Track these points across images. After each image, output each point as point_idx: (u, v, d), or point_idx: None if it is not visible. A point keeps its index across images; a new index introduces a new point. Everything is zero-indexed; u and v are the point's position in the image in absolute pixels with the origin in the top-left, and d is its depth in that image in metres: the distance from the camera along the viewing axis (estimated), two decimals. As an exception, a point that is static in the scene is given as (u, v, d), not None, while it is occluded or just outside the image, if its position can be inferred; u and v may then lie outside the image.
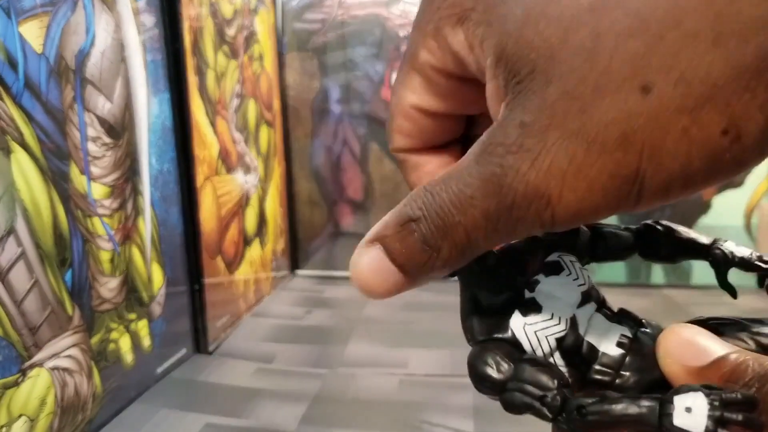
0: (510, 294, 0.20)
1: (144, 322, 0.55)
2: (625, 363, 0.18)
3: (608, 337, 0.19)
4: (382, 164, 0.94)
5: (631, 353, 0.19)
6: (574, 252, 0.21)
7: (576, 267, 0.20)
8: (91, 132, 0.48)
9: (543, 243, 0.20)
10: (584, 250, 0.22)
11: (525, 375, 0.18)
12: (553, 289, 0.19)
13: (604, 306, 0.20)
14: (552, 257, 0.20)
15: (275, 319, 0.76)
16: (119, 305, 0.51)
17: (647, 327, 0.19)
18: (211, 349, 0.66)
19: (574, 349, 0.19)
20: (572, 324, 0.19)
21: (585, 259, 0.22)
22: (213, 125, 0.69)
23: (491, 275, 0.19)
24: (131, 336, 0.53)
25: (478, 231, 0.16)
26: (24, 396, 0.40)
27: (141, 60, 0.55)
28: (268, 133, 0.88)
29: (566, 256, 0.20)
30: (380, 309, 0.78)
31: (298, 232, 0.98)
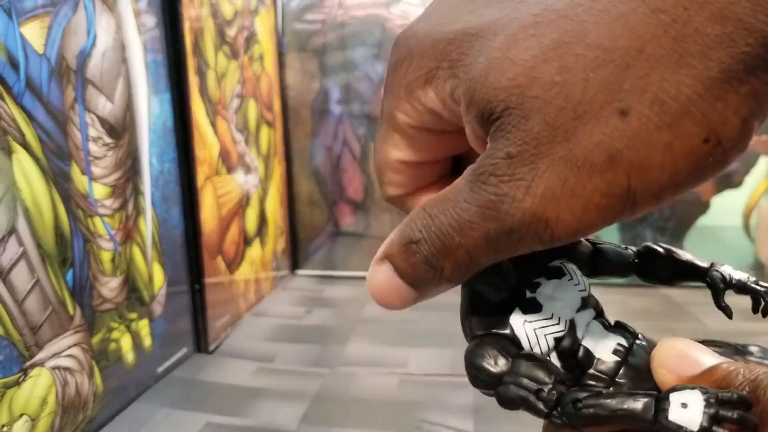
0: (511, 293, 0.20)
1: (145, 322, 0.55)
2: (620, 372, 0.19)
3: (605, 345, 0.19)
4: (382, 164, 0.94)
5: (626, 363, 0.19)
6: (576, 262, 0.21)
7: (577, 273, 0.21)
8: (92, 132, 0.48)
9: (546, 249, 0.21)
10: (585, 264, 0.22)
11: (521, 369, 0.18)
12: (554, 292, 0.20)
13: (602, 316, 0.21)
14: (554, 263, 0.21)
15: (275, 319, 0.76)
16: (120, 305, 0.51)
17: (642, 340, 0.20)
18: (212, 349, 0.66)
19: (571, 352, 0.19)
20: (571, 326, 0.19)
21: (584, 273, 0.22)
22: (213, 125, 0.69)
23: (493, 273, 0.20)
24: (132, 335, 0.53)
25: (479, 251, 0.17)
26: (25, 395, 0.40)
27: (142, 60, 0.55)
28: (269, 134, 0.88)
29: (568, 264, 0.21)
30: (380, 309, 0.78)
31: (299, 232, 0.98)
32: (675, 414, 0.15)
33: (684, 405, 0.15)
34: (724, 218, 0.84)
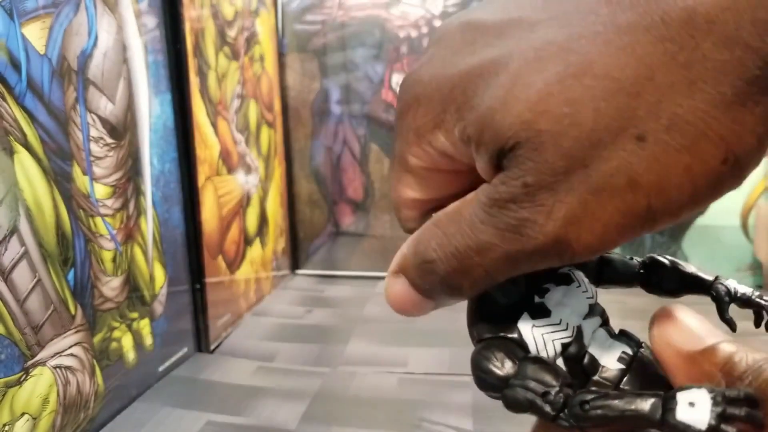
0: (519, 297, 0.20)
1: (146, 321, 0.55)
2: (624, 380, 0.19)
3: (610, 352, 0.19)
4: (382, 164, 0.94)
5: (631, 371, 0.19)
6: (583, 270, 0.21)
7: (585, 281, 0.21)
8: (94, 132, 0.48)
9: None
10: (591, 273, 0.22)
11: (528, 372, 0.18)
12: (563, 298, 0.20)
13: (607, 324, 0.21)
14: (563, 270, 0.21)
15: (276, 318, 0.77)
16: (121, 304, 0.52)
17: (646, 349, 0.20)
18: (213, 348, 0.66)
19: (577, 359, 0.19)
20: (578, 333, 0.19)
21: (591, 281, 0.22)
22: (214, 126, 0.69)
23: None
24: (133, 335, 0.53)
25: (499, 269, 0.18)
26: (27, 394, 0.40)
27: (143, 61, 0.56)
28: (269, 134, 0.88)
29: (576, 271, 0.21)
30: (380, 308, 0.78)
31: (299, 232, 0.98)
32: (682, 413, 0.15)
33: (691, 404, 0.15)
34: (723, 218, 0.84)
